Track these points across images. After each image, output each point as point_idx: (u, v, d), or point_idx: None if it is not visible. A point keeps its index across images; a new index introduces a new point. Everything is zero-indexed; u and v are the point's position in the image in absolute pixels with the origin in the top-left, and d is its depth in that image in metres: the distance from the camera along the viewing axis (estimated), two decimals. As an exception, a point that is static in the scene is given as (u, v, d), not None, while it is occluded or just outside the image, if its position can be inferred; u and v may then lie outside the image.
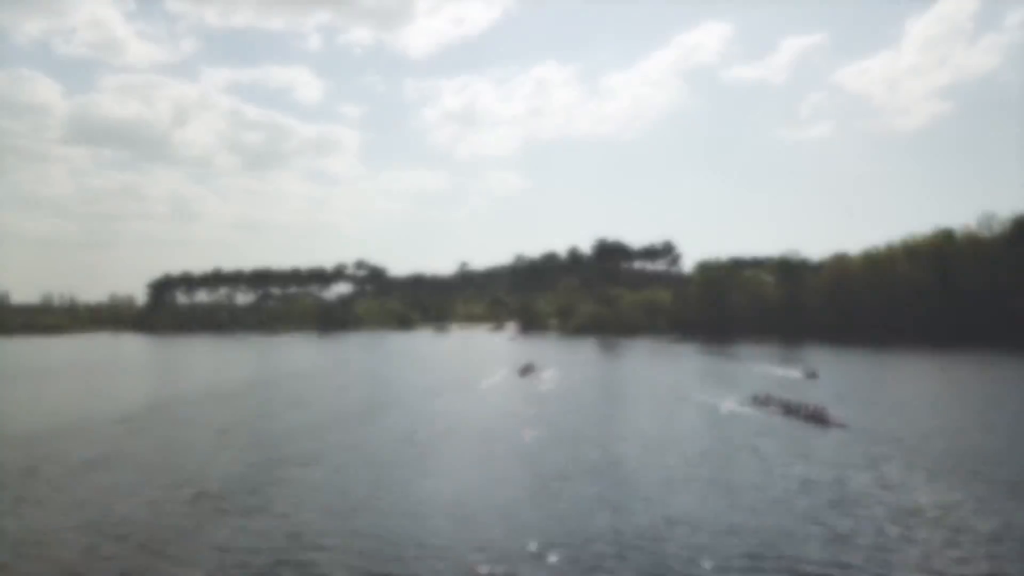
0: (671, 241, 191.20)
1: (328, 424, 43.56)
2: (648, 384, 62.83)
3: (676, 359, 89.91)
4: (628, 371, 76.70)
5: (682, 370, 74.91)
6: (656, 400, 51.88)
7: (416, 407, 50.16)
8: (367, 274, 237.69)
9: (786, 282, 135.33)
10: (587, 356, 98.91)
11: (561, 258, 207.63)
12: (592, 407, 49.88)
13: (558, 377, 70.78)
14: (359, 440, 38.64)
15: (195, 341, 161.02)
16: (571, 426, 42.13)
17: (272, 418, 47.09)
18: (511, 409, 49.26)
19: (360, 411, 48.63)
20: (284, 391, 62.31)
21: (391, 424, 43.33)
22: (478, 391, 59.94)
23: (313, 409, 50.25)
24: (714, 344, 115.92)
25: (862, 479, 28.75)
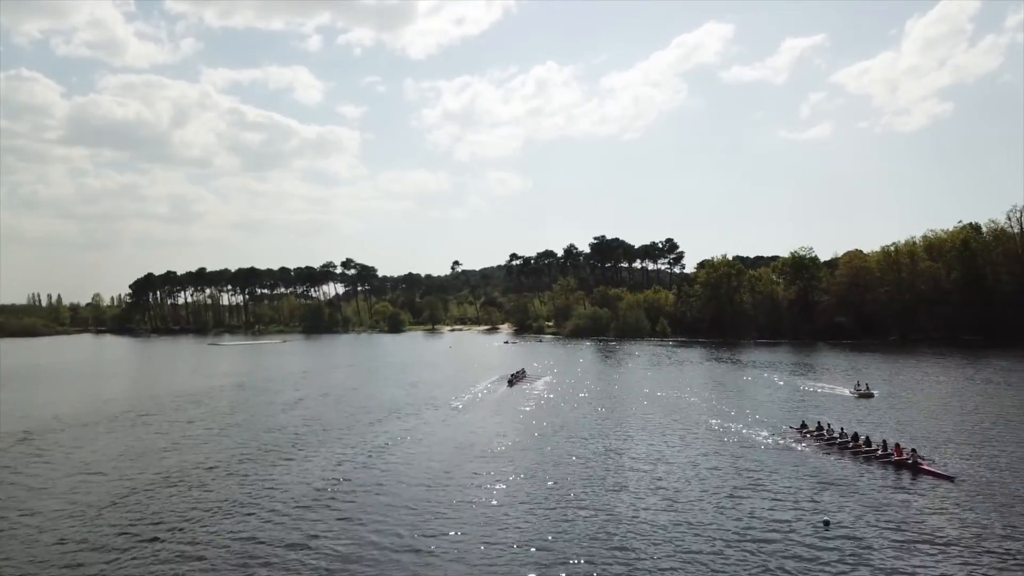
0: (673, 239, 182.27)
1: (224, 464, 34.11)
2: (656, 401, 53.39)
3: (683, 367, 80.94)
4: (630, 382, 67.67)
5: (693, 382, 65.91)
6: (667, 426, 42.35)
7: (364, 437, 40.53)
8: (356, 273, 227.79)
9: (797, 280, 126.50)
10: (584, 362, 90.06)
11: (558, 257, 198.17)
12: (587, 436, 40.00)
13: (550, 389, 61.90)
14: (236, 498, 28.40)
15: (166, 343, 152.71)
16: (557, 467, 33.00)
17: (143, 458, 36.04)
18: (483, 439, 39.65)
19: (288, 442, 39.25)
20: (211, 410, 52.67)
21: (308, 469, 33.01)
22: (452, 409, 50.74)
23: (228, 439, 40.80)
24: (722, 348, 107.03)
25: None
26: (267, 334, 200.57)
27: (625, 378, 69.75)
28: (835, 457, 33.49)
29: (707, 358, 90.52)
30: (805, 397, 52.92)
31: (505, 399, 55.22)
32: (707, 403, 50.80)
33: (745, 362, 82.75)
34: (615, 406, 50.95)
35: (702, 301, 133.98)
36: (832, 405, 48.56)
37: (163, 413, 50.83)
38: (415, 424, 44.51)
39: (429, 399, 55.08)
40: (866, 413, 45.00)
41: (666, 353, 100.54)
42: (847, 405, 48.74)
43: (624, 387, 62.13)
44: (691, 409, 48.15)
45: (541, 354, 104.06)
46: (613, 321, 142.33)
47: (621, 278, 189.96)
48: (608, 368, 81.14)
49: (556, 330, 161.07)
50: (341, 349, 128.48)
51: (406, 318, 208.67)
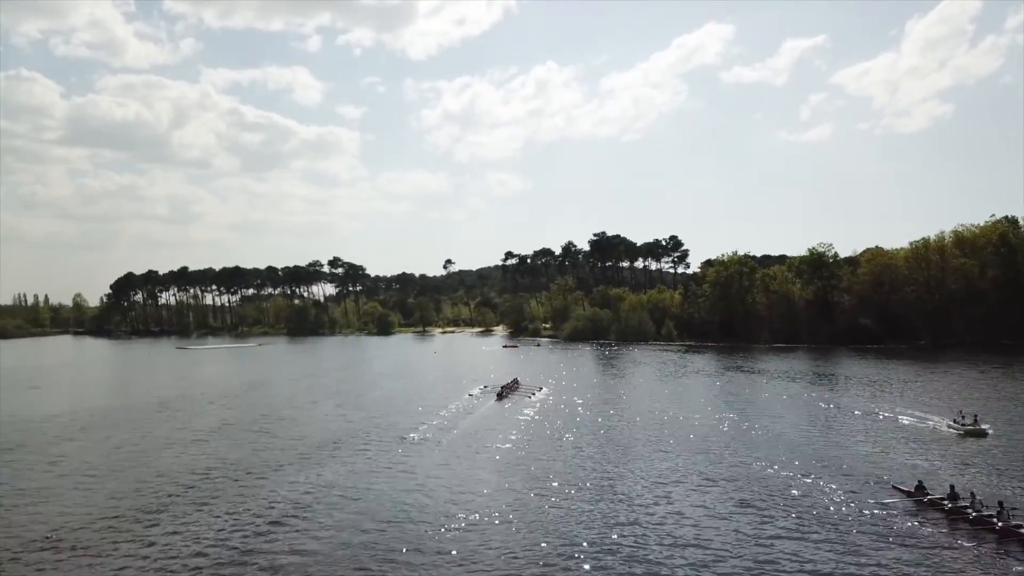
0: (678, 236, 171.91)
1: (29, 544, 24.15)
2: (675, 431, 43.32)
3: (699, 379, 70.84)
4: (639, 400, 57.65)
5: (716, 400, 55.99)
6: (697, 470, 32.43)
7: (257, 497, 29.75)
8: (344, 273, 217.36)
9: (815, 279, 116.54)
10: (583, 371, 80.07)
11: (555, 255, 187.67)
12: (587, 494, 29.20)
13: (544, 405, 51.89)
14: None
15: (137, 346, 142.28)
16: (545, 544, 23.03)
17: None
18: (447, 488, 29.56)
19: (153, 501, 28.02)
20: (85, 446, 41.48)
21: (149, 553, 23.61)
22: (420, 436, 40.35)
23: (75, 495, 30.15)
24: (735, 354, 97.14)
25: None
26: (251, 336, 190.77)
27: (632, 394, 59.62)
28: (997, 553, 21.25)
29: (724, 366, 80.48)
30: (881, 430, 40.06)
31: (485, 424, 44.91)
32: (744, 435, 39.71)
33: (770, 372, 72.68)
34: (624, 438, 40.39)
35: (711, 302, 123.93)
36: (930, 446, 35.19)
37: (16, 450, 38.24)
38: (363, 461, 34.27)
39: (387, 426, 44.03)
40: (994, 463, 31.45)
41: (674, 360, 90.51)
42: (953, 447, 35.07)
43: (632, 407, 51.94)
44: (725, 444, 37.32)
45: (537, 360, 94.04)
46: (614, 323, 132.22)
47: (622, 278, 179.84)
48: (611, 379, 71.05)
49: (553, 332, 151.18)
50: (318, 354, 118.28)
51: (395, 319, 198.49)
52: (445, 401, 53.99)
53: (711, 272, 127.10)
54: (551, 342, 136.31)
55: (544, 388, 61.87)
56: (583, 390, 60.46)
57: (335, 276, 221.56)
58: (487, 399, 55.28)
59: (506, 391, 58.34)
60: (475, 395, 57.77)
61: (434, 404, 52.33)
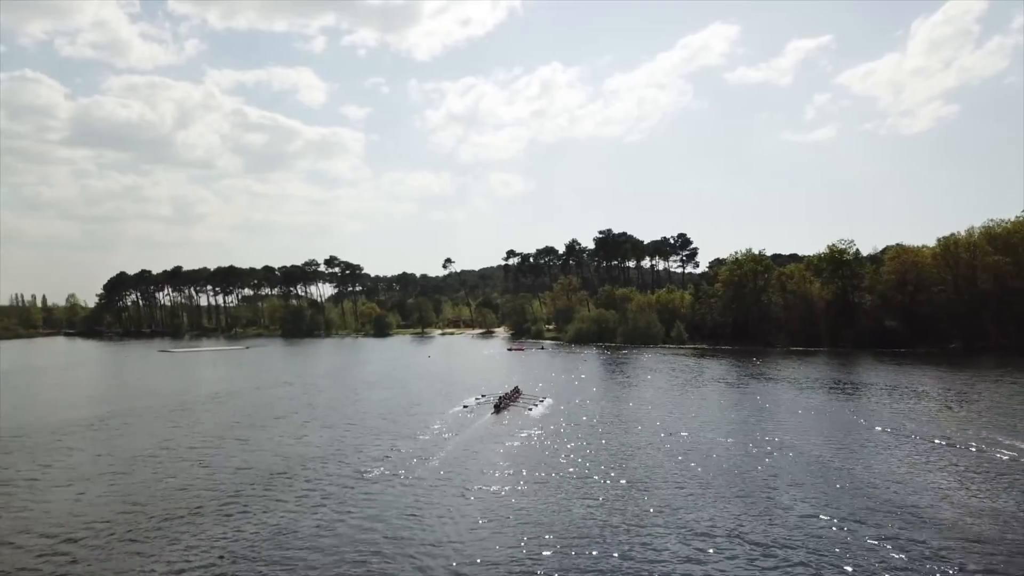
0: (687, 234, 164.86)
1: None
2: (699, 453, 36.70)
3: (716, 387, 63.91)
4: (654, 412, 50.84)
5: (740, 413, 49.15)
6: (755, 532, 25.65)
7: (170, 545, 23.88)
8: (340, 272, 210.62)
9: (835, 279, 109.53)
10: (590, 377, 73.28)
11: (559, 254, 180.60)
12: (604, 534, 23.76)
13: (548, 420, 45.13)
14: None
15: (122, 348, 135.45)
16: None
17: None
18: (410, 557, 23.16)
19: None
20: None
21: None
22: (390, 468, 33.20)
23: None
24: (752, 358, 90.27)
25: None
26: (244, 338, 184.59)
27: (645, 408, 52.70)
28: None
29: (741, 373, 73.56)
30: (932, 454, 34.17)
31: (475, 448, 38.12)
32: (776, 464, 33.01)
33: (792, 380, 65.77)
34: (640, 471, 33.36)
35: (723, 302, 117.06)
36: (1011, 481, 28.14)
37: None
38: (268, 525, 27.15)
39: (353, 452, 36.82)
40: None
41: (687, 365, 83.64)
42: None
43: (647, 424, 45.01)
44: (753, 477, 30.48)
45: (540, 364, 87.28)
46: (621, 325, 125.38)
47: (628, 277, 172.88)
48: (620, 388, 64.13)
49: (557, 334, 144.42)
50: (305, 358, 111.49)
51: (393, 320, 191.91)
52: (432, 415, 47.25)
53: (724, 271, 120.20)
54: (554, 344, 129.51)
55: (548, 398, 55.13)
56: (590, 402, 53.66)
57: (332, 275, 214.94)
58: (483, 412, 48.59)
59: (505, 402, 51.64)
60: (470, 407, 51.01)
61: (419, 420, 45.55)
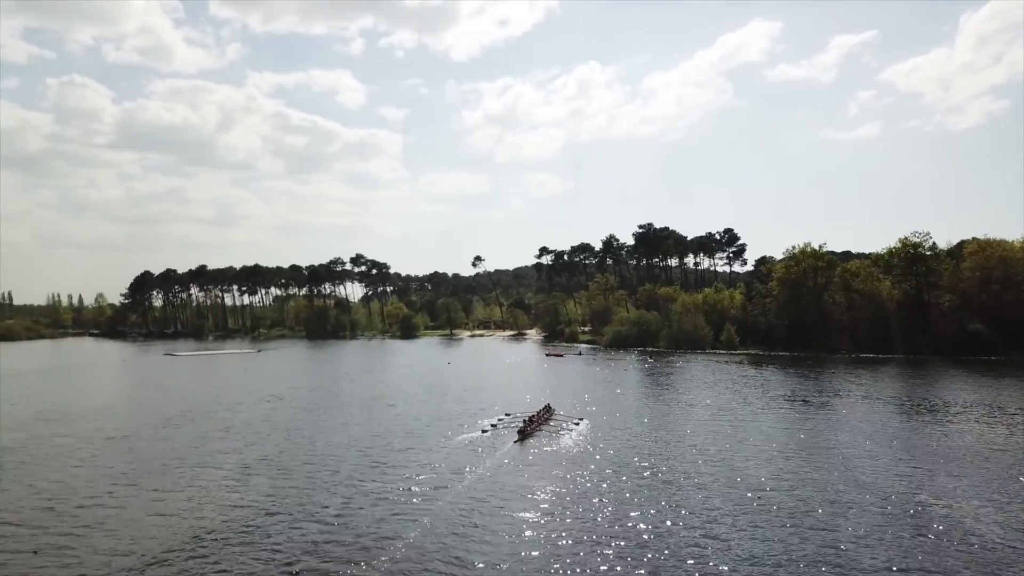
0: (733, 230, 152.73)
1: None
2: (781, 512, 26.21)
3: (784, 406, 52.87)
4: (716, 444, 40.39)
5: (819, 446, 38.45)
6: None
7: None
8: (366, 271, 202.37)
9: (908, 277, 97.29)
10: (633, 390, 62.91)
11: (595, 251, 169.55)
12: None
13: (584, 453, 35.09)
14: None
15: (137, 350, 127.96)
16: None
17: None
18: None
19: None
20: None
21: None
22: (351, 537, 23.73)
23: None
24: (816, 367, 79.05)
25: None
26: (269, 339, 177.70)
27: (705, 436, 42.17)
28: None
29: (812, 387, 62.46)
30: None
31: (487, 497, 28.21)
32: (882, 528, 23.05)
33: (874, 396, 54.53)
34: (701, 533, 23.42)
35: (779, 303, 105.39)
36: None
37: None
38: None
39: (308, 510, 27.60)
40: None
41: (744, 376, 72.65)
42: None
43: (711, 462, 34.61)
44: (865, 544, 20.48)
45: (574, 373, 77.05)
46: (664, 328, 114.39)
47: (670, 276, 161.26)
48: (670, 406, 53.55)
49: (593, 337, 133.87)
50: (319, 363, 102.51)
51: (420, 321, 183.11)
52: (441, 443, 37.45)
53: (779, 268, 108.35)
54: (590, 349, 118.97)
55: (584, 419, 45.00)
56: (635, 425, 43.38)
57: (359, 274, 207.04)
58: (504, 439, 38.81)
59: (532, 425, 41.68)
60: (488, 432, 41.14)
61: (422, 451, 35.74)
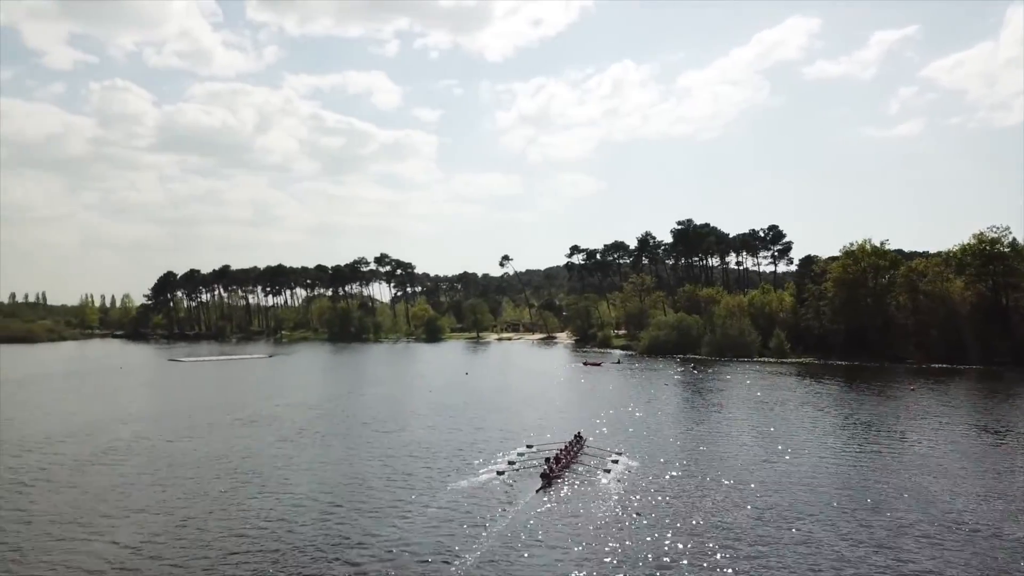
0: (778, 227, 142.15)
1: None
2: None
3: (862, 426, 43.58)
4: (787, 484, 31.79)
5: (916, 475, 29.38)
6: None
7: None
8: (390, 270, 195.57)
9: (985, 277, 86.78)
10: (677, 408, 54.16)
11: (630, 249, 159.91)
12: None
13: (625, 504, 26.71)
14: None
15: (147, 352, 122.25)
16: None
17: None
18: None
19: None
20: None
21: None
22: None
23: None
24: (884, 379, 69.60)
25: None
26: (291, 341, 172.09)
27: (770, 470, 33.46)
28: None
29: (883, 403, 53.07)
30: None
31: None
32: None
33: (960, 417, 45.08)
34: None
35: (834, 305, 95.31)
36: None
37: None
38: None
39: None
40: None
41: (803, 390, 63.34)
42: None
43: (777, 509, 25.98)
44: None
45: (607, 388, 68.35)
46: (707, 333, 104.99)
47: (711, 276, 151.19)
48: (723, 429, 44.64)
49: (627, 342, 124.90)
50: (327, 371, 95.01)
51: (446, 323, 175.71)
52: (439, 490, 29.21)
53: (835, 267, 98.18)
54: (624, 355, 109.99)
55: (623, 455, 36.46)
56: (685, 463, 34.72)
57: (384, 274, 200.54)
58: (524, 483, 30.62)
59: (559, 464, 33.25)
60: (504, 473, 32.87)
61: (413, 503, 27.52)
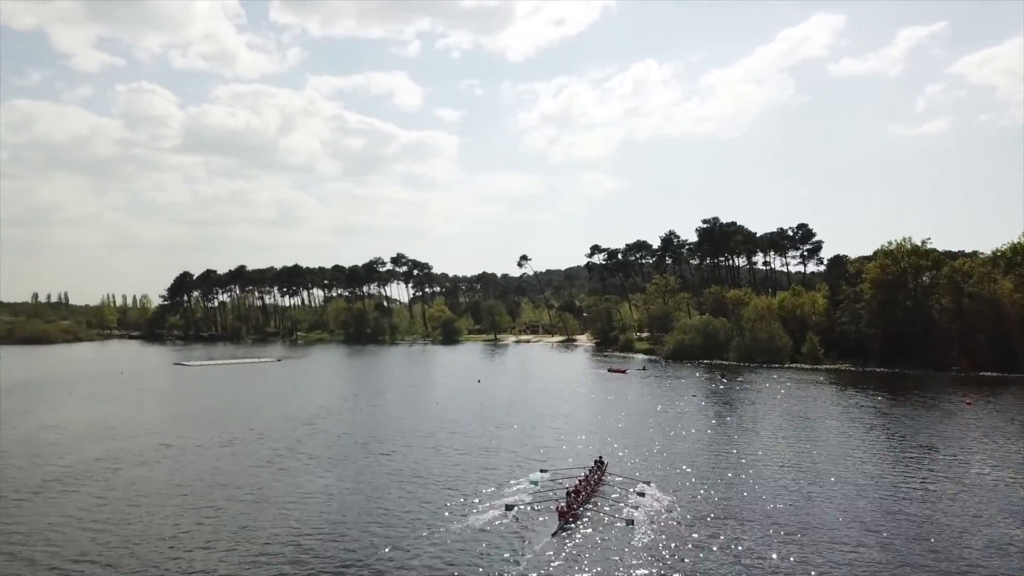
0: (808, 225, 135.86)
1: None
2: None
3: (916, 447, 38.64)
4: (844, 524, 27.13)
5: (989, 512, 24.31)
6: None
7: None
8: (407, 271, 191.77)
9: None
10: (707, 422, 49.47)
11: (653, 249, 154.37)
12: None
13: (656, 544, 22.36)
14: None
15: (160, 353, 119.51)
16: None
17: None
18: None
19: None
20: None
21: None
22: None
23: None
24: (932, 388, 64.33)
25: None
26: (307, 343, 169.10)
27: (826, 504, 28.85)
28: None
29: (937, 418, 47.91)
30: None
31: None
32: None
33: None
34: None
35: (872, 308, 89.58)
36: None
37: None
38: None
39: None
40: None
41: (853, 402, 58.18)
42: None
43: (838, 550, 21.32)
44: None
45: (630, 399, 63.63)
46: (735, 337, 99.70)
47: (738, 277, 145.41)
48: (762, 450, 39.85)
49: (651, 345, 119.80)
50: (334, 377, 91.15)
51: (463, 325, 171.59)
52: (431, 537, 24.88)
53: (872, 267, 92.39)
54: (648, 360, 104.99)
55: (652, 485, 31.93)
56: (720, 493, 30.24)
57: (400, 275, 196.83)
58: (536, 525, 26.33)
59: (579, 499, 28.80)
60: (513, 509, 28.53)
61: (391, 559, 23.28)
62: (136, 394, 66.35)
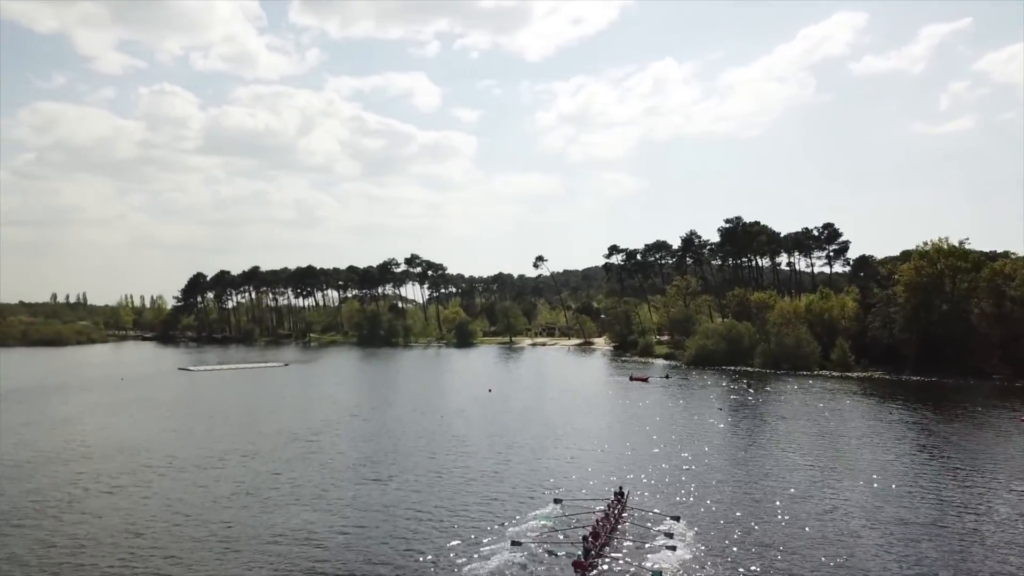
0: (834, 224, 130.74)
1: None
2: None
3: (971, 471, 34.36)
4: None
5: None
6: None
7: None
8: (422, 271, 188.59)
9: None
10: (734, 438, 45.40)
11: (673, 249, 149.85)
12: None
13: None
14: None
15: (172, 356, 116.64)
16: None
17: None
18: None
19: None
20: None
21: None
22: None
23: None
24: (975, 398, 59.70)
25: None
26: (320, 346, 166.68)
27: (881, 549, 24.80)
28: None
29: (996, 436, 43.47)
30: None
31: None
32: None
33: None
34: None
35: (907, 313, 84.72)
36: None
37: None
38: None
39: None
40: None
41: (898, 417, 53.79)
42: None
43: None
44: None
45: (654, 412, 59.48)
46: (760, 342, 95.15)
47: (761, 279, 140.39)
48: (809, 479, 35.90)
49: (671, 349, 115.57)
50: (341, 385, 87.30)
51: (477, 327, 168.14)
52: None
53: (905, 269, 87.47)
54: (668, 366, 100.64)
55: (681, 522, 28.00)
56: (757, 529, 26.37)
57: (414, 275, 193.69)
58: (548, 569, 22.56)
59: (599, 541, 24.94)
60: (521, 543, 24.83)
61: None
62: (129, 405, 62.97)
